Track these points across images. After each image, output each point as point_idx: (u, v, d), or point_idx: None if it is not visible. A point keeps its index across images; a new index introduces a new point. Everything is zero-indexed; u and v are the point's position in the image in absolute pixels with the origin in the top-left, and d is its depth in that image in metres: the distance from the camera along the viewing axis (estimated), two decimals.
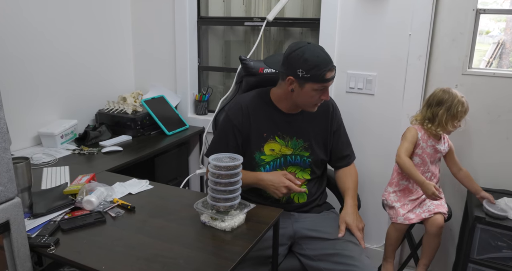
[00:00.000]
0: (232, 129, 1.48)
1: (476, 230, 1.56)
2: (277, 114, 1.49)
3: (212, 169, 1.18)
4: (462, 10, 1.74)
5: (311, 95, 1.38)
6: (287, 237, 1.45)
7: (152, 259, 1.03)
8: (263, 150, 1.48)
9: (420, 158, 1.70)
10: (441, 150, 1.69)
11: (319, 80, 1.35)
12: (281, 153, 1.49)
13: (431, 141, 1.68)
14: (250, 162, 1.48)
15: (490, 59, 1.99)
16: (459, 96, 1.63)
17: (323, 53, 1.37)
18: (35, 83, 1.93)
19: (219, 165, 1.17)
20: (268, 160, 1.49)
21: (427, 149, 1.68)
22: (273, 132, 1.48)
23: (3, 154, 0.95)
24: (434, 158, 1.70)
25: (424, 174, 1.70)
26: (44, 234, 1.11)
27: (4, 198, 0.97)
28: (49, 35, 1.96)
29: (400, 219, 1.66)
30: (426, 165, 1.70)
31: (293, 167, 1.51)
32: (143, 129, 2.18)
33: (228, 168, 1.17)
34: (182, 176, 2.35)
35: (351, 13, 1.91)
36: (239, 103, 1.51)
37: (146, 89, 2.49)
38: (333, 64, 1.37)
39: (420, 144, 1.69)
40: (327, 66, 1.34)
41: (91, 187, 1.33)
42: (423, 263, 1.71)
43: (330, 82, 1.38)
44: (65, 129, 1.96)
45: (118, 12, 2.35)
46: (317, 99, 1.40)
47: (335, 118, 1.56)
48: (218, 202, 1.18)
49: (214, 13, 2.40)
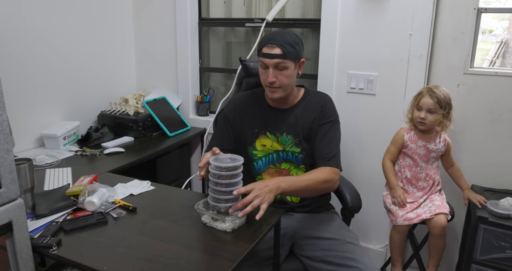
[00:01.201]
0: (224, 123, 1.54)
1: (479, 230, 1.55)
2: (268, 110, 1.52)
3: (213, 170, 1.18)
4: (463, 9, 1.74)
5: (260, 73, 1.43)
6: (287, 238, 1.45)
7: (154, 259, 1.03)
8: (255, 145, 1.50)
9: (411, 159, 1.70)
10: (434, 149, 1.68)
11: (258, 55, 1.42)
12: (272, 148, 1.50)
13: (421, 141, 1.68)
14: (244, 157, 1.49)
15: (493, 58, 1.98)
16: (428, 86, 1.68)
17: (273, 33, 1.42)
18: (38, 85, 1.94)
19: (220, 165, 1.17)
20: (260, 155, 1.50)
21: (418, 149, 1.68)
22: (264, 128, 1.50)
23: (6, 156, 0.95)
24: (427, 158, 1.69)
25: (418, 174, 1.70)
26: (47, 234, 1.12)
27: (7, 199, 0.97)
28: (51, 38, 1.97)
29: (400, 221, 1.65)
30: (418, 165, 1.70)
31: (287, 164, 1.51)
32: (145, 130, 2.19)
33: (229, 168, 1.17)
34: (183, 177, 2.35)
35: (352, 13, 1.91)
36: (233, 101, 1.59)
37: (147, 90, 2.49)
38: (272, 41, 1.37)
39: (408, 145, 1.69)
40: (266, 42, 1.38)
41: (93, 188, 1.34)
42: (432, 264, 1.70)
43: (266, 59, 1.37)
44: (68, 131, 1.97)
45: (120, 14, 2.36)
46: (265, 79, 1.41)
47: (326, 114, 1.48)
48: (219, 203, 1.19)
49: (215, 15, 2.41)
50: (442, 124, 1.64)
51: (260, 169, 1.51)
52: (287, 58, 1.37)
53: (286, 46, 1.37)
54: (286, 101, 1.50)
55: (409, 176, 1.71)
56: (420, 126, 1.66)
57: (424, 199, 1.69)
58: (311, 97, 1.53)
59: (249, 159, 1.51)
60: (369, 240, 2.12)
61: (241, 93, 1.63)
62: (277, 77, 1.39)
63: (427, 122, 1.63)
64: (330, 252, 1.37)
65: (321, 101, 1.50)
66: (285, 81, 1.41)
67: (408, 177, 1.71)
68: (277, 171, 1.51)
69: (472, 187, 1.78)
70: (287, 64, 1.38)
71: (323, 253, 1.37)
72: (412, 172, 1.70)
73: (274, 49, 1.36)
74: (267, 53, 1.37)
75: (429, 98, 1.61)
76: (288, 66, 1.39)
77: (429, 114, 1.63)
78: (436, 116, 1.62)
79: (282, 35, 1.39)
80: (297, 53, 1.41)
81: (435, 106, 1.61)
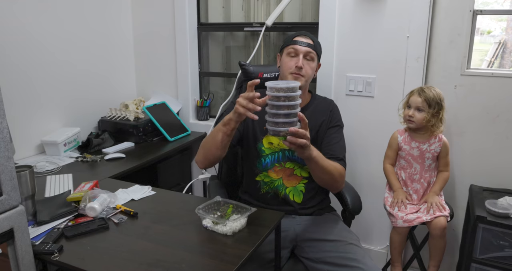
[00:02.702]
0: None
1: (478, 229, 1.55)
2: None
3: (271, 92, 1.17)
4: (458, 12, 1.75)
5: (285, 61, 1.50)
6: (288, 240, 1.45)
7: (155, 264, 1.04)
8: (263, 142, 1.52)
9: (405, 160, 1.72)
10: (429, 150, 1.69)
11: (288, 43, 1.50)
12: (279, 147, 1.51)
13: (415, 142, 1.69)
14: (252, 152, 1.53)
15: (492, 59, 1.99)
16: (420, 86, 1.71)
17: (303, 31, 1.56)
18: (38, 92, 1.95)
19: (278, 86, 1.16)
20: (267, 152, 1.52)
21: (412, 151, 1.69)
22: None
23: (7, 163, 0.96)
24: (422, 159, 1.70)
25: (412, 176, 1.71)
26: (48, 241, 1.12)
27: (8, 206, 0.98)
28: (51, 44, 1.99)
29: (400, 222, 1.66)
30: (412, 167, 1.71)
31: (291, 163, 1.51)
32: (145, 136, 2.20)
33: (289, 89, 1.17)
34: (184, 181, 2.36)
35: (349, 17, 1.92)
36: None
37: (147, 96, 2.51)
38: (305, 33, 1.53)
39: (402, 147, 1.72)
40: (299, 33, 1.52)
41: (94, 194, 1.35)
42: (433, 265, 1.71)
43: (298, 46, 1.47)
44: (68, 137, 1.98)
45: (119, 20, 2.37)
46: (292, 65, 1.47)
47: (334, 118, 1.57)
48: (278, 127, 1.18)
49: (214, 19, 2.43)
50: (432, 124, 1.65)
51: (267, 166, 1.52)
52: (316, 51, 1.50)
53: (315, 41, 1.53)
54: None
55: (404, 177, 1.73)
56: (409, 124, 1.70)
57: (422, 202, 1.70)
58: (319, 102, 1.60)
59: (258, 154, 1.52)
60: (370, 242, 2.13)
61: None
62: (304, 66, 1.47)
63: (415, 120, 1.66)
64: (331, 254, 1.37)
65: (329, 106, 1.59)
66: (310, 72, 1.49)
67: (403, 178, 1.73)
68: (281, 169, 1.51)
69: (471, 186, 1.79)
70: (314, 56, 1.50)
71: (325, 255, 1.38)
72: (407, 174, 1.72)
73: (307, 39, 1.50)
74: (300, 41, 1.48)
75: (418, 97, 1.66)
76: (315, 59, 1.51)
77: (417, 112, 1.66)
78: (424, 115, 1.64)
79: (310, 33, 1.54)
80: (321, 52, 1.56)
81: (423, 105, 1.64)
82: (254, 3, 2.32)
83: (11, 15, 1.79)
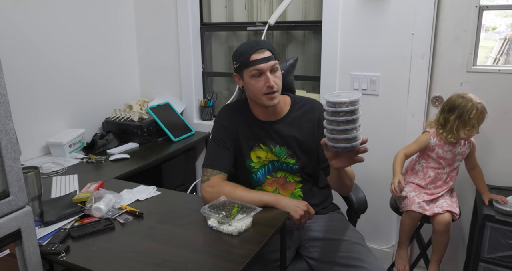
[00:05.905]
0: (225, 131, 1.46)
1: (486, 228, 1.54)
2: (255, 123, 1.45)
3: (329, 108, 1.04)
4: (464, 7, 1.73)
5: (252, 84, 1.34)
6: (293, 240, 1.44)
7: (161, 264, 1.04)
8: (251, 157, 1.48)
9: (436, 162, 1.69)
10: (460, 152, 1.68)
11: (248, 65, 1.32)
12: (267, 159, 1.47)
13: (447, 146, 1.66)
14: (244, 171, 1.50)
15: (497, 56, 1.96)
16: (475, 101, 1.56)
17: (252, 41, 1.36)
18: (43, 94, 1.96)
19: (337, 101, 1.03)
20: (257, 167, 1.49)
21: (445, 154, 1.66)
22: (256, 140, 1.46)
23: (14, 164, 0.97)
24: (453, 161, 1.69)
25: (440, 175, 1.69)
26: (55, 241, 1.13)
27: (15, 206, 0.98)
28: (55, 46, 2.00)
29: (415, 207, 1.64)
30: (442, 167, 1.69)
31: (282, 172, 1.49)
32: (149, 136, 2.20)
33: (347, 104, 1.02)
34: (189, 181, 2.36)
35: (353, 14, 1.91)
36: (224, 111, 1.51)
37: (151, 96, 2.51)
38: (259, 46, 1.31)
39: (435, 149, 1.67)
40: (252, 49, 1.31)
41: (100, 195, 1.35)
42: (434, 259, 1.70)
43: (261, 64, 1.30)
44: (73, 139, 1.99)
45: (122, 21, 2.38)
46: (262, 87, 1.32)
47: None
48: (339, 143, 1.06)
49: (216, 19, 2.43)
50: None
51: (260, 180, 1.50)
52: (276, 59, 1.35)
53: (271, 47, 1.35)
54: (275, 111, 1.43)
55: (432, 176, 1.70)
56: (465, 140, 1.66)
57: (440, 195, 1.69)
58: (301, 106, 1.46)
59: (248, 171, 1.49)
60: (375, 241, 2.12)
61: (225, 107, 1.53)
62: (274, 81, 1.33)
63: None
64: (336, 253, 1.36)
65: (315, 113, 1.43)
66: (279, 83, 1.37)
67: (432, 177, 1.70)
68: (274, 180, 1.50)
69: None
70: (277, 64, 1.35)
71: (329, 254, 1.37)
72: (435, 173, 1.70)
73: (265, 52, 1.32)
74: (260, 58, 1.31)
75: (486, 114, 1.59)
76: (278, 66, 1.36)
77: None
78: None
79: (260, 41, 1.37)
80: (277, 52, 1.39)
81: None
82: (257, 2, 2.32)
83: (17, 20, 1.80)
